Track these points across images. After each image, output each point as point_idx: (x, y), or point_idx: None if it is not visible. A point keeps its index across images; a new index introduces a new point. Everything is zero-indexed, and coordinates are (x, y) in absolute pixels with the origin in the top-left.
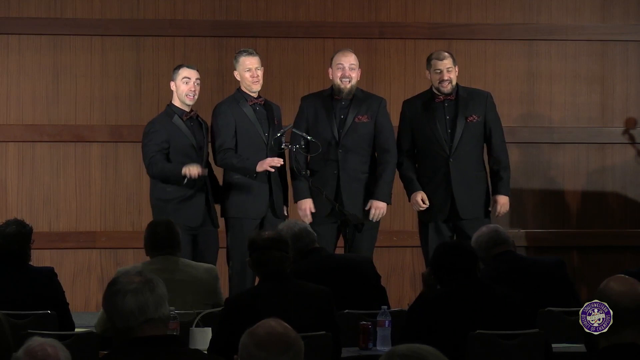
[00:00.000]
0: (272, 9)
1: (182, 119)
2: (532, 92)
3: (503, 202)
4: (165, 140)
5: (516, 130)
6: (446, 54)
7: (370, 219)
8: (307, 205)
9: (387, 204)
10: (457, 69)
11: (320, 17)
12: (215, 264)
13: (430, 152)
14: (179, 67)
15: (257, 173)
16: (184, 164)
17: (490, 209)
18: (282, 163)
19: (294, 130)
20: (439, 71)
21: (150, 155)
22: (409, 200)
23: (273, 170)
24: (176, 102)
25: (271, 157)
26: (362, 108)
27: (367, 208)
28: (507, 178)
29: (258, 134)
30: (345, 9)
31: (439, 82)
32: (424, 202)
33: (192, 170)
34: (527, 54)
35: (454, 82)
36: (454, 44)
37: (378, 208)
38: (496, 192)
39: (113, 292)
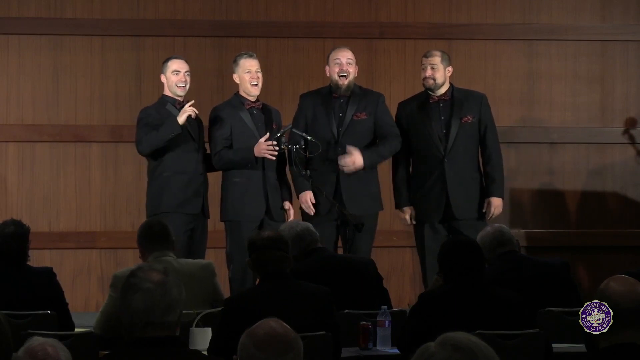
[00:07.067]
0: (272, 9)
1: (175, 107)
2: (532, 92)
3: (497, 204)
4: (159, 124)
5: (516, 130)
6: (437, 52)
7: (342, 167)
8: (307, 197)
9: (363, 166)
10: (449, 69)
11: (320, 17)
12: (204, 255)
13: (425, 153)
14: (167, 60)
15: (257, 159)
16: (179, 153)
17: (484, 210)
18: (277, 151)
19: (293, 130)
20: (423, 67)
21: (140, 135)
22: (395, 207)
23: (273, 158)
24: (168, 94)
25: (265, 147)
26: (361, 105)
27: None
28: (500, 179)
29: (255, 138)
30: (345, 9)
31: (423, 79)
32: (411, 219)
33: (186, 109)
34: (527, 54)
35: (440, 81)
36: (454, 44)
37: (354, 163)
38: (490, 194)
39: (128, 285)
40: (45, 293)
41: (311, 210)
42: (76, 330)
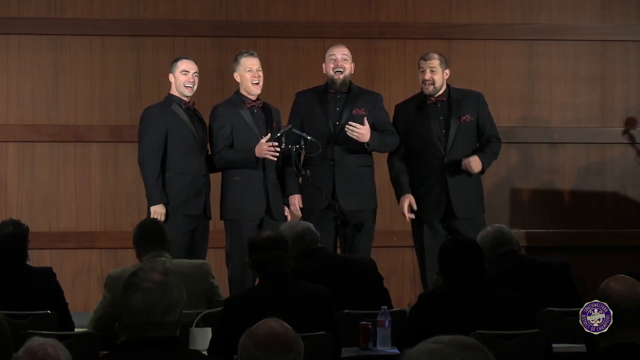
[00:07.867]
0: (272, 9)
1: (181, 107)
2: (532, 92)
3: (476, 160)
4: (162, 127)
5: (516, 130)
6: (435, 54)
7: (350, 127)
8: (295, 200)
9: (367, 141)
10: (447, 72)
11: (320, 17)
12: (205, 256)
13: (425, 153)
14: (177, 59)
15: (258, 159)
16: (182, 153)
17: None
18: (278, 152)
19: (293, 130)
20: (422, 70)
21: (145, 147)
22: (398, 203)
23: (274, 159)
24: (174, 93)
25: (267, 148)
26: (359, 102)
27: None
28: (490, 155)
29: (256, 137)
30: (345, 9)
31: (421, 82)
32: (411, 208)
33: (161, 215)
34: (527, 54)
35: (438, 84)
36: (454, 44)
37: (360, 133)
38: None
39: (128, 284)
40: (45, 293)
41: (298, 214)
42: (76, 330)
